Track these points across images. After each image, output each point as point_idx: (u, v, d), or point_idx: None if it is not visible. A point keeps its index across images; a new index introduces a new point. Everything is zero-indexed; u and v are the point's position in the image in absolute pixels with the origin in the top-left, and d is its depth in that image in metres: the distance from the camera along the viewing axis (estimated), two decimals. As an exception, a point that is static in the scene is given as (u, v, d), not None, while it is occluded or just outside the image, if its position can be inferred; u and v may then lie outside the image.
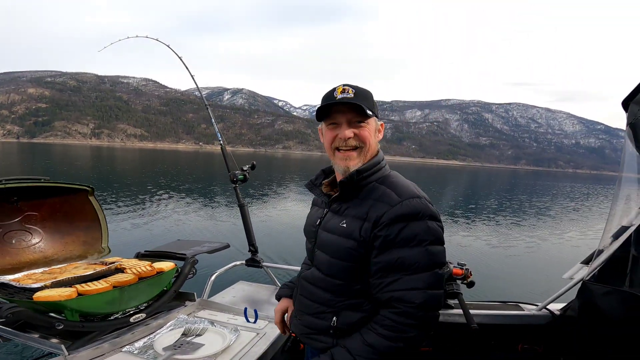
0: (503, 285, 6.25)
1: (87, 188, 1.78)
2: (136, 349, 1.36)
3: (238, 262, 2.37)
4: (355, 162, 1.01)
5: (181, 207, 11.32)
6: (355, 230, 0.97)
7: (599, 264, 1.39)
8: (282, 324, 1.26)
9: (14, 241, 1.60)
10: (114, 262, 1.61)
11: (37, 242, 1.67)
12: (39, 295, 1.28)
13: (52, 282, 1.37)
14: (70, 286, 1.35)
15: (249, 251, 2.45)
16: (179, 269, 1.67)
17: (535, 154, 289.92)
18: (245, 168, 2.48)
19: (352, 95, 0.99)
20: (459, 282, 1.57)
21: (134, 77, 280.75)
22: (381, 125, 1.07)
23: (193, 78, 3.21)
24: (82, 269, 1.53)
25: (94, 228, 1.83)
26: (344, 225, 0.99)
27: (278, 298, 1.29)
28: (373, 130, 1.03)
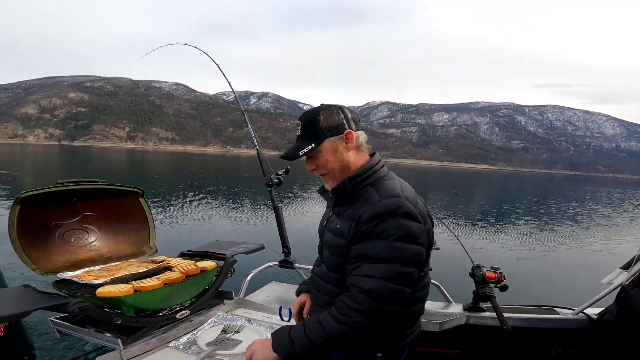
0: (538, 290, 6.11)
1: (138, 190, 1.86)
2: (181, 345, 1.42)
3: (272, 263, 2.43)
4: (330, 183, 1.11)
5: (216, 209, 11.84)
6: (346, 229, 1.05)
7: (638, 269, 1.41)
8: (299, 316, 1.37)
9: (72, 240, 1.69)
10: (162, 261, 1.68)
11: (93, 240, 1.76)
12: (101, 291, 1.33)
13: (111, 279, 1.43)
14: (127, 283, 1.41)
15: (282, 252, 2.50)
16: (220, 269, 1.73)
17: (572, 158, 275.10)
18: (280, 172, 2.53)
19: (299, 131, 1.11)
20: (492, 285, 1.60)
21: (165, 82, 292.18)
22: (346, 134, 1.08)
23: (230, 84, 3.31)
24: (135, 266, 1.60)
25: (143, 228, 1.91)
26: (338, 226, 1.09)
27: (298, 293, 1.40)
28: (330, 152, 1.08)
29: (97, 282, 1.42)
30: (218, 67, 3.45)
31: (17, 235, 1.48)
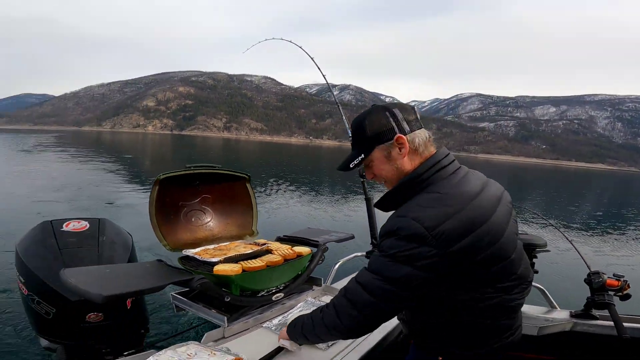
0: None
1: (246, 176, 2.00)
2: (273, 326, 1.47)
3: (359, 254, 2.43)
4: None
5: (305, 196, 12.33)
6: None
7: None
8: None
9: (193, 219, 1.87)
10: (264, 244, 1.78)
11: (208, 221, 1.93)
12: (218, 269, 1.43)
13: (224, 258, 1.54)
14: (237, 262, 1.51)
15: (370, 244, 2.50)
16: (312, 255, 1.78)
17: None
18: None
19: (350, 138, 1.08)
20: (611, 293, 1.56)
21: (255, 76, 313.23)
22: (396, 139, 0.98)
23: (324, 77, 3.37)
24: (242, 247, 1.71)
25: (248, 212, 2.04)
26: None
27: None
28: (382, 161, 1.02)
29: (214, 260, 1.53)
30: (312, 60, 3.55)
31: (155, 213, 1.67)
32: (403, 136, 0.98)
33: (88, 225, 2.00)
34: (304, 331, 1.10)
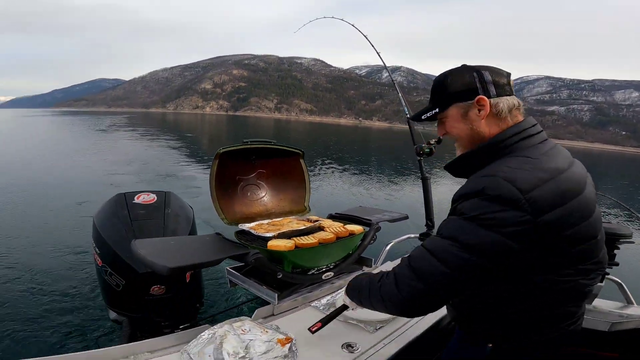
0: None
1: (300, 152, 1.96)
2: (322, 305, 1.44)
3: (412, 235, 2.32)
4: (459, 152, 1.01)
5: (357, 175, 12.23)
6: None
7: None
8: None
9: (249, 194, 1.88)
10: (316, 220, 1.75)
11: (263, 196, 1.93)
12: (272, 244, 1.41)
13: (278, 234, 1.52)
14: (290, 238, 1.48)
15: (425, 225, 2.39)
16: (364, 234, 1.71)
17: None
18: (432, 142, 2.39)
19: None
20: None
21: (305, 58, 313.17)
22: (478, 100, 0.92)
23: (379, 55, 3.22)
24: (295, 223, 1.70)
25: (301, 188, 2.01)
26: None
27: None
28: (456, 119, 0.96)
29: (268, 235, 1.52)
30: (366, 38, 3.39)
31: (214, 186, 1.69)
32: (486, 98, 0.92)
33: (156, 198, 2.09)
34: (361, 296, 1.06)
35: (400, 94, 2.83)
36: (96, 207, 2.11)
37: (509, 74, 0.96)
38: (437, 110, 0.99)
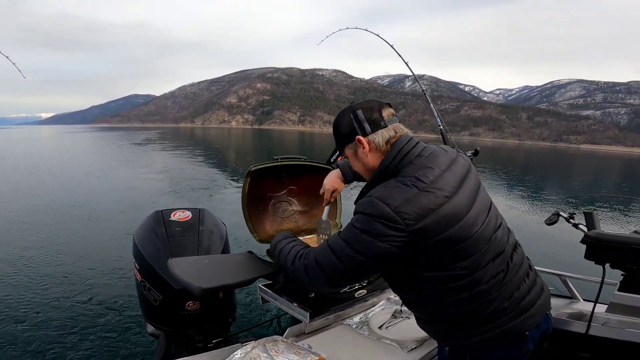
0: None
1: (330, 167, 1.91)
2: (354, 324, 1.43)
3: None
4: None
5: None
6: None
7: None
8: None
9: (280, 210, 1.90)
10: None
11: (294, 213, 1.94)
12: None
13: None
14: None
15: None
16: None
17: None
18: (468, 153, 2.36)
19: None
20: None
21: (326, 69, 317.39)
22: (357, 140, 1.05)
23: (407, 64, 3.23)
24: None
25: (332, 204, 1.91)
26: None
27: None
28: (352, 157, 1.11)
29: None
30: (392, 47, 3.40)
31: (246, 204, 1.73)
32: (362, 137, 1.04)
33: (190, 215, 2.10)
34: (279, 259, 1.19)
35: (432, 105, 2.79)
36: (136, 224, 2.18)
37: (380, 106, 1.05)
38: (337, 153, 1.15)
